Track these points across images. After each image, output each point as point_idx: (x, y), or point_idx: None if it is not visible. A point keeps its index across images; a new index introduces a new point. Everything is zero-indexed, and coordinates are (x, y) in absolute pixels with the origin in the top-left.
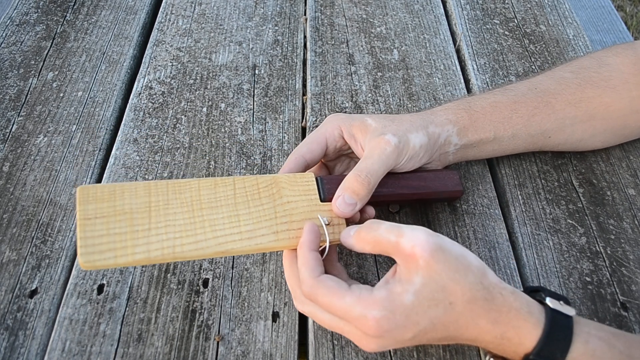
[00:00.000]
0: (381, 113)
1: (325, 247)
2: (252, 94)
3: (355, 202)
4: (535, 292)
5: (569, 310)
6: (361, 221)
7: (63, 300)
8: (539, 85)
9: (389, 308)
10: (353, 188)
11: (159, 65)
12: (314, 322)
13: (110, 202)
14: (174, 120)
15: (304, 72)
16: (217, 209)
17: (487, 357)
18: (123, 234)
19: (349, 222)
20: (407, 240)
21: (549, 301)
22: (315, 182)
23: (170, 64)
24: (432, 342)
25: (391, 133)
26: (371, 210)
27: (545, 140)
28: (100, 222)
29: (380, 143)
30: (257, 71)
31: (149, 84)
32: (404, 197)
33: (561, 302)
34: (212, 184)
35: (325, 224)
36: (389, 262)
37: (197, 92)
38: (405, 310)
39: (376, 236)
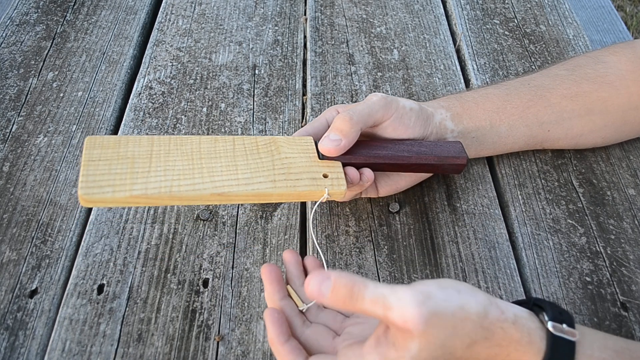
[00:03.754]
0: None
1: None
2: (252, 94)
3: (340, 138)
4: (539, 307)
5: (572, 334)
6: (360, 185)
7: (63, 300)
8: (532, 81)
9: None
10: (336, 126)
11: (159, 65)
12: None
13: (115, 149)
14: (174, 120)
15: (304, 72)
16: (215, 160)
17: None
18: (123, 174)
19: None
20: (397, 316)
21: (550, 326)
22: (314, 144)
23: (170, 64)
24: None
25: (379, 92)
26: (369, 173)
27: (544, 135)
28: (103, 164)
29: (368, 96)
30: (257, 71)
31: (149, 84)
32: (405, 161)
33: (564, 325)
34: (213, 140)
35: (328, 193)
36: (389, 262)
37: (197, 92)
38: None
39: (361, 308)
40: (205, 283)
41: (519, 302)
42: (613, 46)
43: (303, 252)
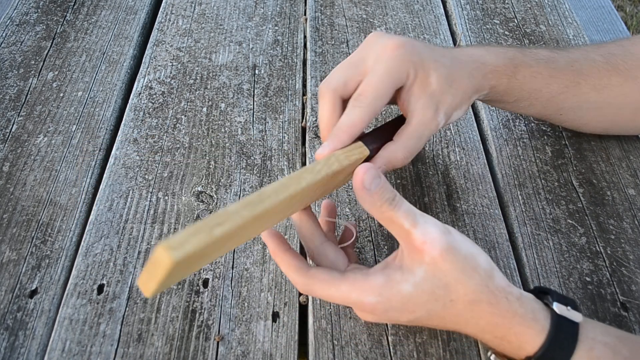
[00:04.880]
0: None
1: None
2: (252, 94)
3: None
4: (544, 294)
5: (576, 316)
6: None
7: (63, 300)
8: (575, 63)
9: (385, 295)
10: (395, 161)
11: (159, 65)
12: (314, 322)
13: (193, 261)
14: (174, 120)
15: (304, 72)
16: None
17: (489, 354)
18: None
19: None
20: (419, 234)
21: (555, 306)
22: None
23: (170, 64)
24: (430, 327)
25: (443, 112)
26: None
27: (555, 116)
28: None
29: (430, 126)
30: (257, 71)
31: (149, 84)
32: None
33: (569, 307)
34: (288, 198)
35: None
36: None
37: (197, 92)
38: (402, 299)
39: (393, 215)
40: (205, 283)
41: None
42: (637, 36)
43: (303, 252)
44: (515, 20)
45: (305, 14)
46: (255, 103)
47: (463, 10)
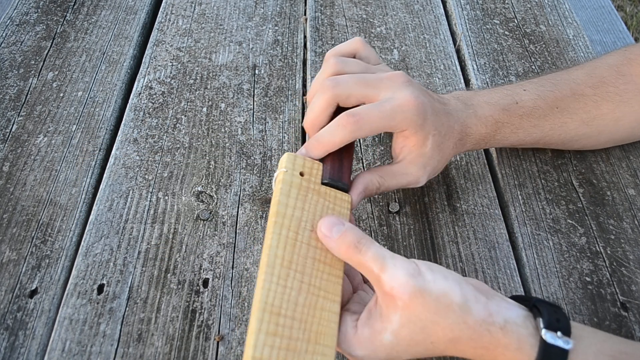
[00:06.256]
0: None
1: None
2: (252, 94)
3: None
4: (538, 310)
5: (566, 343)
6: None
7: (63, 300)
8: (561, 103)
9: (370, 348)
10: (372, 187)
11: (159, 65)
12: None
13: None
14: (174, 120)
15: (304, 72)
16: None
17: None
18: None
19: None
20: (387, 279)
21: (544, 333)
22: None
23: (170, 64)
24: None
25: (427, 174)
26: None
27: (546, 146)
28: None
29: (410, 179)
30: (257, 71)
31: (149, 84)
32: None
33: (559, 332)
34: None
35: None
36: None
37: (197, 92)
38: (385, 349)
39: (362, 261)
40: (205, 283)
41: (521, 298)
42: (630, 52)
43: None
44: (515, 20)
45: (305, 14)
46: (255, 103)
47: (463, 10)
